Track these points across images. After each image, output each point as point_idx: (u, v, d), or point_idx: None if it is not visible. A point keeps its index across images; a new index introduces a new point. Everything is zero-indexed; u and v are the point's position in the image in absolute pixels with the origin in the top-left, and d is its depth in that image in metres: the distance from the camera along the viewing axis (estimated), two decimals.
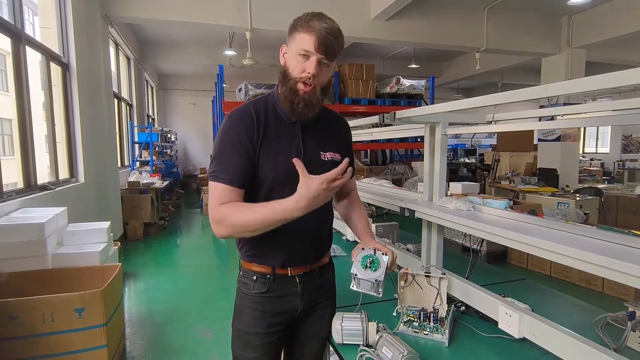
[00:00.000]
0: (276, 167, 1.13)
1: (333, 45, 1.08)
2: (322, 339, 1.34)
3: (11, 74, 3.36)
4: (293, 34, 1.10)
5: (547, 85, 0.97)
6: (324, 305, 1.31)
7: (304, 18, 1.09)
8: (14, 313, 2.15)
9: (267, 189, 1.14)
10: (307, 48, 1.07)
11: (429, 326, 1.35)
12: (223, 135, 1.13)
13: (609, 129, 15.01)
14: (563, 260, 0.99)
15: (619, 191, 6.36)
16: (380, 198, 1.93)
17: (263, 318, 1.20)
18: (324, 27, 1.06)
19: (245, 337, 1.22)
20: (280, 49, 1.15)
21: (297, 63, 1.09)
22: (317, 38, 1.06)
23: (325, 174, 0.98)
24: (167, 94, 13.20)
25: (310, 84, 1.09)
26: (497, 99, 1.13)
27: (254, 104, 1.17)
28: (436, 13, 6.58)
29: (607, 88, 0.84)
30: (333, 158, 1.22)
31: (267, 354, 1.22)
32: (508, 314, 1.20)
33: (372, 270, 1.09)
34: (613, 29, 6.55)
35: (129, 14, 5.49)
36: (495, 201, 1.49)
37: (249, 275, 1.22)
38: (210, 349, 2.80)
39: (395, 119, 1.54)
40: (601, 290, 3.74)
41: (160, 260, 5.10)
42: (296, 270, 1.20)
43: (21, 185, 3.43)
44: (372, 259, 1.09)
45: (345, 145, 1.30)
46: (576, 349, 1.03)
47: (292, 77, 1.10)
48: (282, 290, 1.21)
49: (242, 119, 1.13)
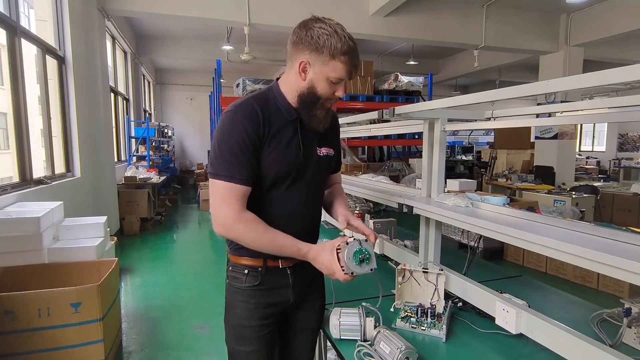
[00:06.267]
0: (279, 162, 1.14)
1: (358, 68, 1.16)
2: (313, 330, 1.37)
3: (6, 67, 3.32)
4: (324, 59, 1.09)
5: (548, 81, 0.97)
6: (314, 297, 1.34)
7: (339, 48, 1.08)
8: (10, 307, 2.14)
9: (269, 183, 1.15)
10: (342, 77, 1.12)
11: (427, 322, 1.36)
12: (230, 132, 1.10)
13: (605, 127, 15.08)
14: (564, 257, 0.98)
15: (614, 189, 6.39)
16: (379, 194, 1.93)
17: (256, 310, 1.20)
18: (356, 56, 1.12)
19: (240, 331, 1.22)
20: (299, 63, 1.11)
21: (328, 86, 1.13)
22: (352, 67, 1.12)
23: (340, 273, 1.06)
24: (163, 88, 13.12)
25: (335, 103, 1.20)
26: (499, 95, 1.12)
27: (256, 100, 1.15)
28: (435, 9, 6.56)
29: (605, 86, 0.83)
30: (327, 153, 1.27)
31: (262, 346, 1.23)
32: (505, 310, 1.20)
33: (367, 264, 1.09)
34: (611, 28, 6.56)
35: (125, 7, 5.43)
36: (493, 198, 1.49)
37: (239, 269, 1.22)
38: (206, 344, 2.80)
39: (394, 115, 1.54)
40: (596, 287, 3.77)
41: (157, 255, 5.09)
42: (287, 262, 1.21)
43: (16, 180, 3.41)
44: (364, 253, 1.08)
45: (337, 140, 1.35)
46: (573, 344, 1.03)
47: (321, 97, 1.15)
48: (274, 282, 1.22)
49: (248, 116, 1.11)
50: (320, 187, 1.31)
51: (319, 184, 1.30)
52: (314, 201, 1.28)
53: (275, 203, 1.17)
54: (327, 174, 1.35)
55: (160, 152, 9.54)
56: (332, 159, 1.32)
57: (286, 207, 1.18)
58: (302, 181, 1.20)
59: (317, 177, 1.26)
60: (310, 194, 1.24)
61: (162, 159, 9.11)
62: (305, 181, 1.21)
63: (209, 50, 9.28)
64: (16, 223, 2.53)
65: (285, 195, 1.18)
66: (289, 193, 1.18)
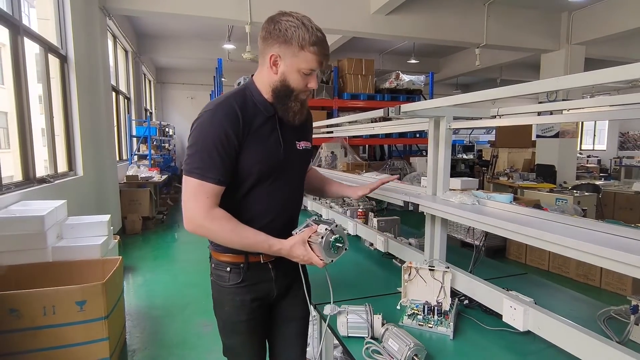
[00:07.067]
0: (262, 160, 1.16)
1: (329, 58, 1.17)
2: (301, 318, 1.39)
3: (9, 66, 3.32)
4: (294, 50, 1.10)
5: (558, 78, 0.97)
6: (296, 286, 1.34)
7: (307, 38, 1.09)
8: (14, 306, 2.14)
9: (253, 181, 1.17)
10: (313, 67, 1.13)
11: (433, 319, 1.36)
12: (208, 131, 1.10)
13: (606, 126, 15.07)
14: (579, 255, 0.97)
15: (616, 187, 6.40)
16: (384, 192, 1.92)
17: (243, 307, 1.24)
18: (326, 47, 1.14)
19: (230, 326, 1.28)
20: (269, 57, 1.12)
21: (301, 78, 1.14)
22: (322, 57, 1.13)
23: (318, 262, 1.10)
24: (164, 87, 13.12)
25: (309, 95, 1.22)
26: (508, 92, 1.12)
27: (235, 98, 1.15)
28: (436, 8, 6.56)
29: (605, 84, 0.83)
30: (306, 147, 1.31)
31: (253, 336, 1.30)
32: (513, 307, 1.20)
33: (340, 245, 1.11)
34: (613, 26, 6.55)
35: (127, 5, 5.43)
36: (499, 195, 1.49)
37: (222, 267, 1.24)
38: (210, 342, 2.80)
39: (400, 113, 1.54)
40: (598, 285, 3.77)
41: (159, 254, 5.09)
42: (268, 257, 1.22)
43: (19, 178, 3.41)
44: (339, 240, 1.10)
45: (311, 134, 1.39)
46: (581, 341, 1.03)
47: (295, 89, 1.15)
48: (257, 278, 1.24)
49: (227, 115, 1.11)
50: (301, 181, 1.34)
51: (300, 179, 1.33)
52: (295, 196, 1.31)
53: (258, 200, 1.19)
54: (306, 167, 1.38)
55: (161, 151, 9.54)
56: (310, 152, 1.36)
57: (268, 203, 1.21)
58: (284, 177, 1.22)
59: (298, 172, 1.30)
60: (291, 189, 1.27)
61: (163, 158, 9.11)
62: (287, 177, 1.23)
63: (209, 49, 9.28)
64: (20, 222, 2.54)
65: (268, 193, 1.20)
66: (271, 190, 1.20)
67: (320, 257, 1.09)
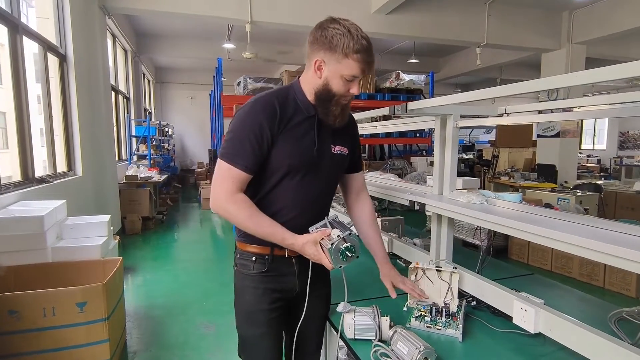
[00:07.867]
0: (293, 154, 1.20)
1: (372, 65, 1.19)
2: (320, 317, 1.41)
3: (7, 65, 3.29)
4: (338, 57, 1.13)
5: (563, 75, 0.96)
6: (319, 286, 1.35)
7: (351, 46, 1.11)
8: (14, 307, 2.11)
9: (282, 174, 1.20)
10: (356, 74, 1.16)
11: (441, 321, 1.33)
12: (245, 120, 1.17)
13: (605, 126, 15.08)
14: (603, 258, 0.94)
15: (617, 187, 6.38)
16: (388, 192, 1.90)
17: (265, 295, 1.26)
18: (370, 54, 1.15)
19: (250, 316, 1.28)
20: (314, 61, 1.17)
21: (343, 84, 1.17)
22: (364, 65, 1.15)
23: (328, 264, 1.13)
24: (164, 87, 13.08)
25: (351, 100, 1.25)
26: (515, 89, 1.10)
27: (277, 95, 1.21)
28: (437, 7, 6.53)
29: (610, 83, 0.82)
30: (341, 152, 1.32)
31: (272, 329, 1.29)
32: (523, 309, 1.18)
33: (352, 255, 1.12)
34: (613, 25, 6.54)
35: (126, 4, 5.40)
36: (508, 195, 1.47)
37: (247, 257, 1.27)
38: (212, 343, 2.78)
39: (407, 111, 1.52)
40: (602, 285, 3.75)
41: (159, 254, 5.06)
42: (293, 252, 1.23)
43: (18, 178, 3.38)
44: (350, 249, 1.11)
45: (351, 140, 1.39)
46: (595, 344, 1.01)
47: (336, 94, 1.19)
48: (281, 270, 1.27)
49: (265, 108, 1.17)
50: (329, 185, 1.34)
51: (329, 182, 1.33)
52: (320, 199, 1.31)
53: (284, 196, 1.22)
54: (339, 172, 1.38)
55: (160, 151, 9.51)
56: (346, 159, 1.36)
57: (293, 200, 1.23)
58: (312, 176, 1.24)
59: (329, 174, 1.30)
60: (318, 190, 1.27)
61: (162, 158, 9.09)
62: (316, 177, 1.25)
63: (209, 49, 9.23)
64: (20, 222, 2.51)
65: (294, 189, 1.22)
66: (298, 188, 1.22)
67: (329, 261, 1.11)
